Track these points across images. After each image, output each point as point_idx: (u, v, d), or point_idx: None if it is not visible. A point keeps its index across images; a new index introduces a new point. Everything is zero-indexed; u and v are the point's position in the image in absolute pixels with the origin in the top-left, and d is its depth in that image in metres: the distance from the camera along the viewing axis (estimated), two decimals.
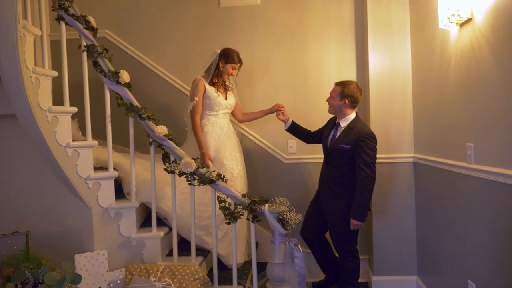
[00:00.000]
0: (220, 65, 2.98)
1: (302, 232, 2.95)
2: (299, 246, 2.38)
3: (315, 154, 3.38)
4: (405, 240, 3.16)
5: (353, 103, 2.74)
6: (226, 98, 3.03)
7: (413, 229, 3.15)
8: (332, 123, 2.86)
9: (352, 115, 2.76)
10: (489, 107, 2.00)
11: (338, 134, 2.75)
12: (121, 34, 3.59)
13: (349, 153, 2.65)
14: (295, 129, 3.09)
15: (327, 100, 2.83)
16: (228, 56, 2.97)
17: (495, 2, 1.91)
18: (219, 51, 2.99)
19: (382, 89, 3.15)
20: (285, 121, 3.08)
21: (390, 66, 3.15)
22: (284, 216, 2.36)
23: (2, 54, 1.97)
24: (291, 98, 3.33)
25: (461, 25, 2.24)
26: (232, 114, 3.18)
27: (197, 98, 2.90)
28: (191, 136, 3.01)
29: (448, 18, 2.21)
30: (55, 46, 2.66)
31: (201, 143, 2.88)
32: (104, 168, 2.63)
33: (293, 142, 3.45)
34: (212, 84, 2.99)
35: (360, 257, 2.87)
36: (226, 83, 3.08)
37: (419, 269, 3.14)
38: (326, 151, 2.84)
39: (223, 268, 2.81)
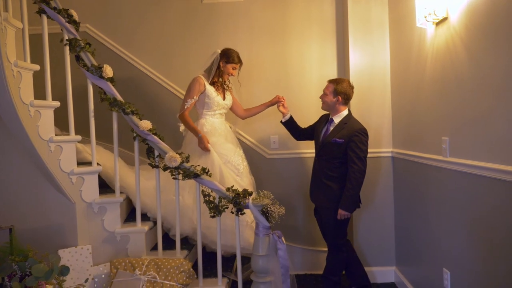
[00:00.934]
0: (221, 65, 2.98)
1: (324, 238, 3.02)
2: (283, 238, 2.44)
3: (297, 149, 3.46)
4: (385, 232, 3.27)
5: (346, 100, 2.81)
6: (224, 98, 3.05)
7: (392, 221, 3.26)
8: (325, 120, 2.92)
9: (345, 112, 2.83)
10: (463, 103, 2.10)
11: (331, 128, 2.81)
12: (102, 29, 3.55)
13: (341, 147, 2.72)
14: (291, 124, 3.10)
15: (320, 97, 2.89)
16: (229, 56, 2.97)
17: (469, 2, 2.00)
18: (219, 51, 2.99)
19: (362, 86, 3.23)
20: (284, 114, 3.09)
21: (370, 64, 3.24)
22: (268, 209, 2.40)
23: None
24: (273, 94, 3.36)
25: (437, 24, 2.33)
26: (234, 112, 3.19)
27: (196, 97, 2.91)
28: (186, 138, 3.02)
29: (425, 17, 2.29)
30: (37, 40, 2.61)
31: (195, 129, 2.87)
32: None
33: (276, 137, 3.50)
34: (212, 83, 3.00)
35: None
36: (226, 83, 3.09)
37: (397, 260, 3.25)
38: (318, 145, 2.89)
39: (208, 261, 2.83)
